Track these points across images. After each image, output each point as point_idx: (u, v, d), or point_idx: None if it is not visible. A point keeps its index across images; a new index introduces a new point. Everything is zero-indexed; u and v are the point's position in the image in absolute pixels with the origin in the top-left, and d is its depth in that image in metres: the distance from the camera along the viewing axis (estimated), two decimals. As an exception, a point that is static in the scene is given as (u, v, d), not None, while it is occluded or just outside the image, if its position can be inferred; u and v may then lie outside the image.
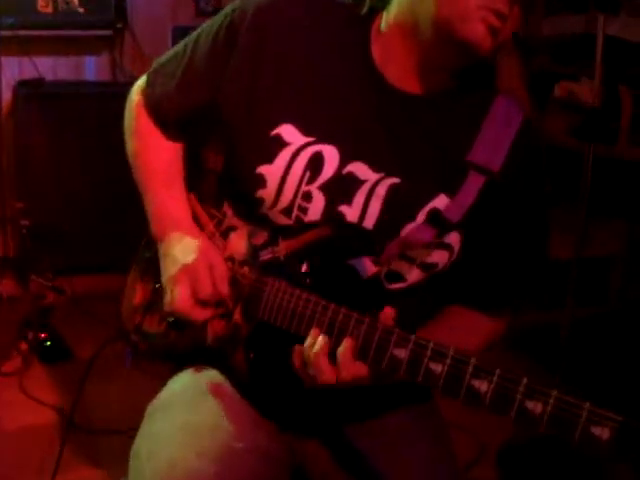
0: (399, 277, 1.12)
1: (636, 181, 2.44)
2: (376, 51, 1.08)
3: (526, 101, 1.14)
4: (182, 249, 1.14)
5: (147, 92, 1.24)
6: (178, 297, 1.10)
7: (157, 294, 1.20)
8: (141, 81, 1.27)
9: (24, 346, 2.65)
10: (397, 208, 1.08)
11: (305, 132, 1.08)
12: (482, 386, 0.84)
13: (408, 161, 1.08)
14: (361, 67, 1.09)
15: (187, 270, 1.10)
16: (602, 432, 0.75)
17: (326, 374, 0.95)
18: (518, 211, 1.12)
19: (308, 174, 1.08)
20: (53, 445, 2.07)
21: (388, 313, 0.96)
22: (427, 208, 1.08)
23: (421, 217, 1.08)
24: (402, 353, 0.91)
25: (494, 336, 1.22)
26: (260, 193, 1.11)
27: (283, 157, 1.08)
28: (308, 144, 1.08)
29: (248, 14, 1.10)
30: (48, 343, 2.62)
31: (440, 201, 1.08)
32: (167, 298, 1.13)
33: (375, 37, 1.09)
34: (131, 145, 1.27)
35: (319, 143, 1.08)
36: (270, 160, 1.09)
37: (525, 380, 0.81)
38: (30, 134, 3.21)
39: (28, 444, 2.14)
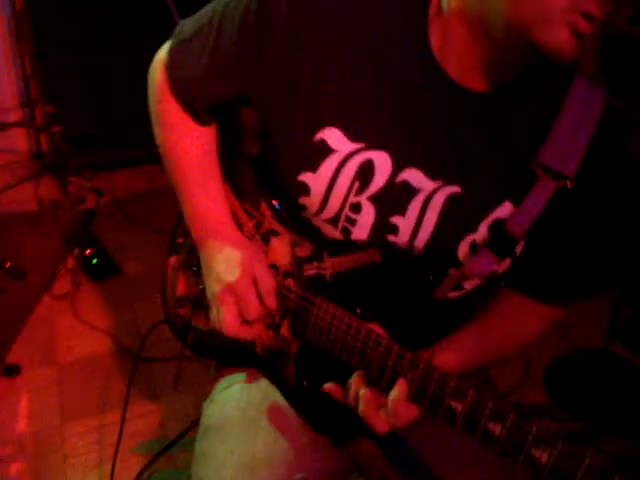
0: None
1: None
2: (434, 38, 0.92)
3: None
4: (224, 264, 1.06)
5: (171, 73, 1.10)
6: (225, 320, 1.04)
7: (203, 295, 1.14)
8: (163, 53, 1.12)
9: (71, 263, 2.66)
10: (456, 219, 0.98)
11: (352, 137, 0.96)
12: (542, 457, 0.80)
13: (470, 167, 0.96)
14: (417, 58, 0.93)
15: (232, 290, 1.04)
16: None
17: (378, 427, 0.92)
18: (597, 216, 1.00)
19: (357, 184, 0.98)
20: (112, 375, 2.18)
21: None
22: (490, 219, 0.97)
23: (483, 229, 0.98)
24: (458, 405, 0.86)
25: (552, 323, 1.15)
26: (303, 200, 1.02)
27: (329, 166, 0.98)
28: (356, 151, 0.96)
29: None
30: (95, 261, 2.61)
31: (505, 209, 0.97)
32: (214, 316, 1.07)
33: (433, 19, 0.91)
34: (158, 132, 1.16)
35: (368, 150, 0.96)
36: (314, 168, 0.98)
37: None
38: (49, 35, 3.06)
39: (87, 374, 2.21)
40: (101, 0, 3.04)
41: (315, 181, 0.99)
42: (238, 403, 1.14)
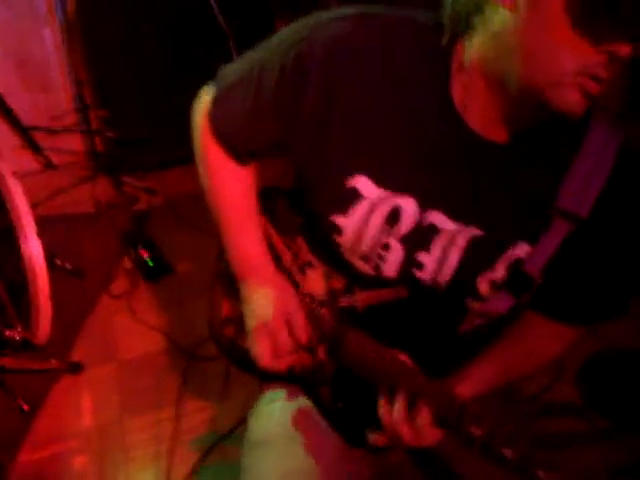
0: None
1: None
2: (457, 90, 0.99)
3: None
4: (259, 302, 1.19)
5: (214, 120, 1.19)
6: (259, 353, 1.17)
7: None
8: (206, 99, 1.21)
9: (128, 264, 2.81)
10: (476, 258, 1.06)
11: (381, 184, 1.05)
12: (547, 477, 0.90)
13: (488, 211, 1.04)
14: (440, 109, 1.00)
15: (266, 326, 1.16)
16: None
17: (406, 438, 1.02)
18: (609, 247, 1.06)
19: (386, 227, 1.07)
20: (167, 372, 2.33)
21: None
22: (507, 258, 1.05)
23: (501, 267, 1.06)
24: (477, 431, 0.96)
25: (571, 343, 1.22)
26: (336, 239, 1.12)
27: (359, 211, 1.07)
28: (385, 198, 1.05)
29: (317, 49, 1.01)
30: (150, 263, 2.75)
31: (521, 249, 1.05)
32: (252, 348, 1.19)
33: (456, 73, 0.98)
34: (203, 173, 1.26)
35: (396, 196, 1.05)
36: (345, 212, 1.08)
37: None
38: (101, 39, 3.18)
39: (145, 371, 2.36)
40: (152, 5, 3.16)
41: (347, 224, 1.09)
42: (279, 420, 1.25)
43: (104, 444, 2.11)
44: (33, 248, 2.06)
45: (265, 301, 1.19)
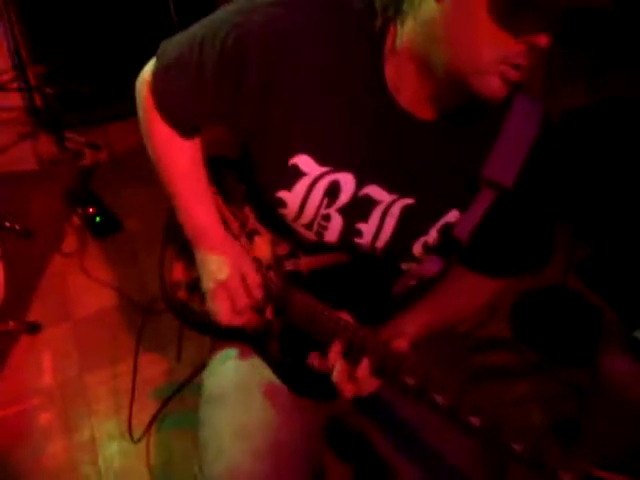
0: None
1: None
2: (389, 72, 1.05)
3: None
4: (216, 264, 1.26)
5: (157, 95, 1.22)
6: (220, 312, 1.26)
7: (198, 282, 1.33)
8: (147, 74, 1.23)
9: (76, 221, 2.85)
10: (411, 225, 1.16)
11: (321, 162, 1.13)
12: (476, 421, 0.99)
13: (421, 183, 1.13)
14: (374, 90, 1.06)
15: (224, 286, 1.25)
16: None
17: (347, 391, 1.12)
18: (527, 203, 1.16)
19: (326, 200, 1.16)
20: (121, 327, 2.42)
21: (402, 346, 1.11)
22: (439, 224, 1.16)
23: (433, 232, 1.17)
24: (411, 380, 1.06)
25: (497, 293, 1.34)
26: (281, 211, 1.20)
27: (301, 186, 1.15)
28: (325, 174, 1.14)
29: (255, 33, 1.05)
30: (98, 219, 2.79)
31: (452, 216, 1.15)
32: (210, 308, 1.28)
33: (389, 55, 1.05)
34: (150, 147, 1.30)
35: (335, 172, 1.13)
36: (289, 188, 1.16)
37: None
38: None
39: (100, 328, 2.45)
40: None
41: (291, 198, 1.17)
42: (233, 377, 1.35)
43: (66, 399, 2.20)
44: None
45: (220, 264, 1.26)
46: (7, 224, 2.66)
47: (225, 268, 1.25)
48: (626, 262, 2.54)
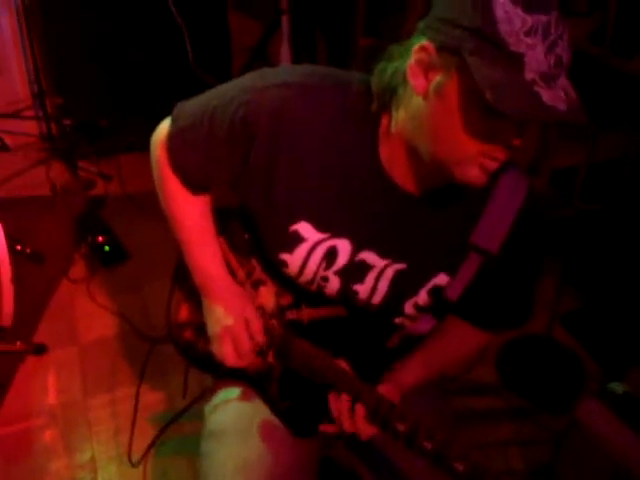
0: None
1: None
2: (384, 152, 1.16)
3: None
4: (222, 311, 1.36)
5: (171, 155, 1.32)
6: (224, 354, 1.36)
7: (204, 326, 1.44)
8: (163, 132, 1.33)
9: (84, 249, 2.96)
10: (402, 287, 1.27)
11: (320, 229, 1.24)
12: (460, 467, 1.07)
13: (412, 250, 1.24)
14: (370, 167, 1.17)
15: (229, 331, 1.35)
16: None
17: (348, 429, 1.23)
18: (511, 267, 1.27)
19: (324, 264, 1.27)
20: (125, 353, 2.52)
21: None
22: (428, 286, 1.27)
23: (423, 293, 1.27)
24: (402, 427, 1.15)
25: (484, 345, 1.46)
26: (283, 270, 1.31)
27: (301, 250, 1.26)
28: (323, 240, 1.24)
29: (263, 114, 1.16)
30: (106, 248, 2.90)
31: (440, 279, 1.26)
32: (215, 351, 1.39)
33: (383, 137, 1.16)
34: (162, 198, 1.40)
35: (333, 238, 1.24)
36: (290, 251, 1.27)
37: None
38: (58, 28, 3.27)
39: (105, 353, 2.55)
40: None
41: (291, 260, 1.28)
42: (234, 414, 1.44)
43: (69, 420, 2.29)
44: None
45: (226, 311, 1.37)
46: (18, 247, 2.77)
47: (230, 314, 1.36)
48: (610, 317, 2.66)
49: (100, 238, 2.94)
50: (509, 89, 0.92)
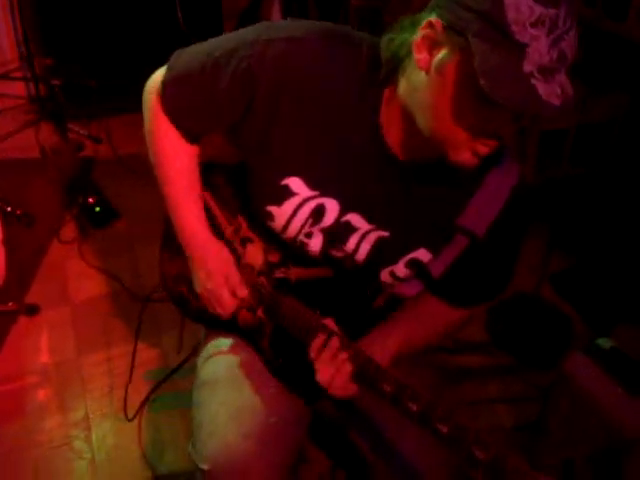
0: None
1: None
2: (384, 117, 1.15)
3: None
4: (203, 271, 1.38)
5: (165, 101, 1.30)
6: (212, 309, 1.40)
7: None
8: (156, 79, 1.32)
9: (75, 211, 2.96)
10: (381, 254, 1.28)
11: (311, 186, 1.24)
12: (444, 429, 1.07)
13: (398, 219, 1.24)
14: (368, 131, 1.17)
15: (210, 292, 1.38)
16: None
17: (332, 389, 1.23)
18: (494, 251, 1.28)
19: (311, 220, 1.27)
20: (117, 312, 2.54)
21: None
22: (407, 258, 1.27)
23: (401, 264, 1.28)
24: (388, 387, 1.15)
25: (459, 322, 1.45)
26: (269, 223, 1.31)
27: (290, 204, 1.26)
28: (313, 197, 1.24)
29: (266, 66, 1.15)
30: (97, 209, 2.90)
31: (420, 254, 1.26)
32: (206, 307, 1.42)
33: (386, 102, 1.15)
34: (152, 146, 1.38)
35: (322, 197, 1.24)
36: (278, 203, 1.27)
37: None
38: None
39: (97, 312, 2.57)
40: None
41: (279, 213, 1.28)
42: (227, 364, 1.45)
43: (62, 379, 2.31)
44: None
45: (205, 268, 1.39)
46: (9, 209, 2.75)
47: (211, 276, 1.37)
48: (597, 276, 2.70)
49: (91, 199, 2.93)
50: (506, 78, 0.92)
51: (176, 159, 1.38)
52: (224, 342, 1.51)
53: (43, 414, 2.21)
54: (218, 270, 1.37)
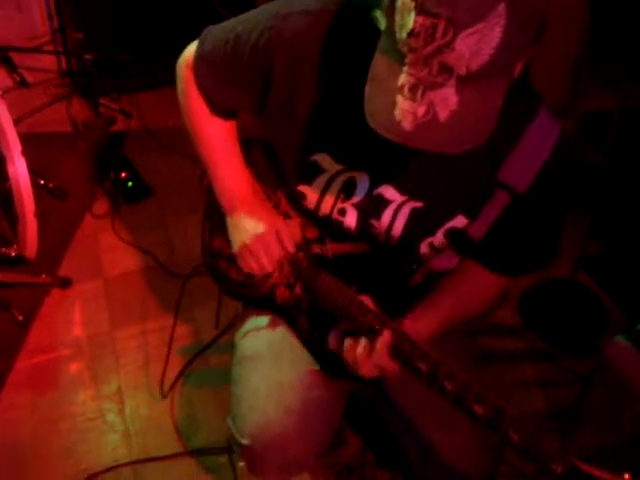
0: None
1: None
2: None
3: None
4: (252, 222, 1.38)
5: (197, 77, 1.33)
6: (255, 264, 1.39)
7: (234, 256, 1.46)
8: (189, 54, 1.34)
9: (107, 185, 2.95)
10: (418, 226, 1.26)
11: (339, 160, 1.23)
12: (479, 410, 1.06)
13: (431, 189, 1.22)
14: None
15: (260, 239, 1.37)
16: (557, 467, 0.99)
17: (362, 370, 1.24)
18: (538, 208, 1.23)
19: (342, 195, 1.27)
20: (149, 287, 2.54)
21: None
22: (445, 227, 1.25)
23: (440, 234, 1.26)
24: (424, 366, 1.14)
25: (500, 293, 1.41)
26: (303, 202, 1.32)
27: (320, 181, 1.26)
28: (342, 171, 1.24)
29: (285, 40, 1.16)
30: (130, 184, 2.90)
31: (458, 221, 1.24)
32: (244, 264, 1.42)
33: None
34: (188, 121, 1.41)
35: (352, 170, 1.24)
36: (309, 182, 1.27)
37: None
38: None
39: (129, 286, 2.57)
40: None
41: (310, 191, 1.29)
42: (266, 341, 1.47)
43: (95, 352, 2.32)
44: (19, 166, 2.19)
45: (256, 221, 1.38)
46: (42, 182, 2.76)
47: (261, 224, 1.37)
48: (632, 261, 2.66)
49: (123, 174, 2.93)
50: (380, 89, 0.93)
51: (213, 130, 1.41)
52: (263, 319, 1.52)
53: (76, 387, 2.22)
54: (269, 220, 1.38)
